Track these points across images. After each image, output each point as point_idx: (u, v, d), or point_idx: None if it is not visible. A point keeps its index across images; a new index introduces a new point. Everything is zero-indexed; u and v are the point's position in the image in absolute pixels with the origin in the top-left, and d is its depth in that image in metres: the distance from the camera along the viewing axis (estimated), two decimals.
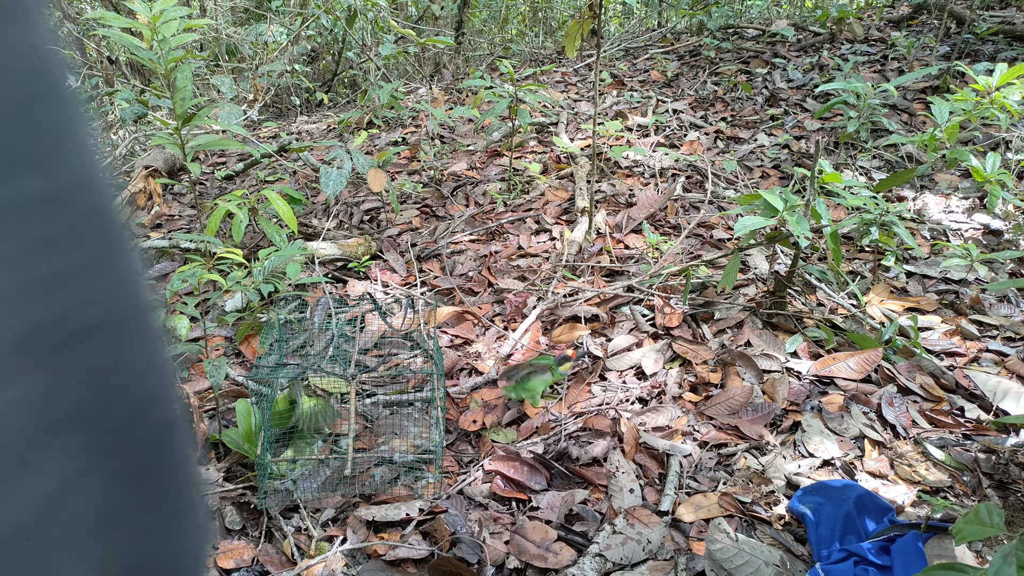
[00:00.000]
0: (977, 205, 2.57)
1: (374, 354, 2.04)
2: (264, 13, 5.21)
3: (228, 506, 1.48)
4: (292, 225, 2.16)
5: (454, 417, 1.78)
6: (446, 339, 2.13)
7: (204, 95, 4.40)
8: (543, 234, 2.74)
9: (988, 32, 3.95)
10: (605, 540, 1.32)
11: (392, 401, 1.81)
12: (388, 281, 2.47)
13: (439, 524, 1.40)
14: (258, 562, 1.35)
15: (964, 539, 0.85)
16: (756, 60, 4.39)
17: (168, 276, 2.54)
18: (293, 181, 3.45)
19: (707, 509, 1.41)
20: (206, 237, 1.91)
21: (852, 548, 1.21)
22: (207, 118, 2.16)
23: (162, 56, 1.99)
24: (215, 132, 2.95)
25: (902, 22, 4.75)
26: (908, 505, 1.38)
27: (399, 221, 2.92)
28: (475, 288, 2.42)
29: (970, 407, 1.65)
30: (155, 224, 3.07)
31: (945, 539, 1.17)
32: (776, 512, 1.40)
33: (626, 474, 1.52)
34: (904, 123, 3.29)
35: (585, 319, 2.11)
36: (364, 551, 1.36)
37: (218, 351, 2.07)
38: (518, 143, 3.55)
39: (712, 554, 1.24)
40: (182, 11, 2.00)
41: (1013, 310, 2.02)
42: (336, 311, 2.11)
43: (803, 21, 5.14)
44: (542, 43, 6.83)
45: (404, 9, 6.33)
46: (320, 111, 5.43)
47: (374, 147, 3.81)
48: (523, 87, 2.84)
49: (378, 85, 3.76)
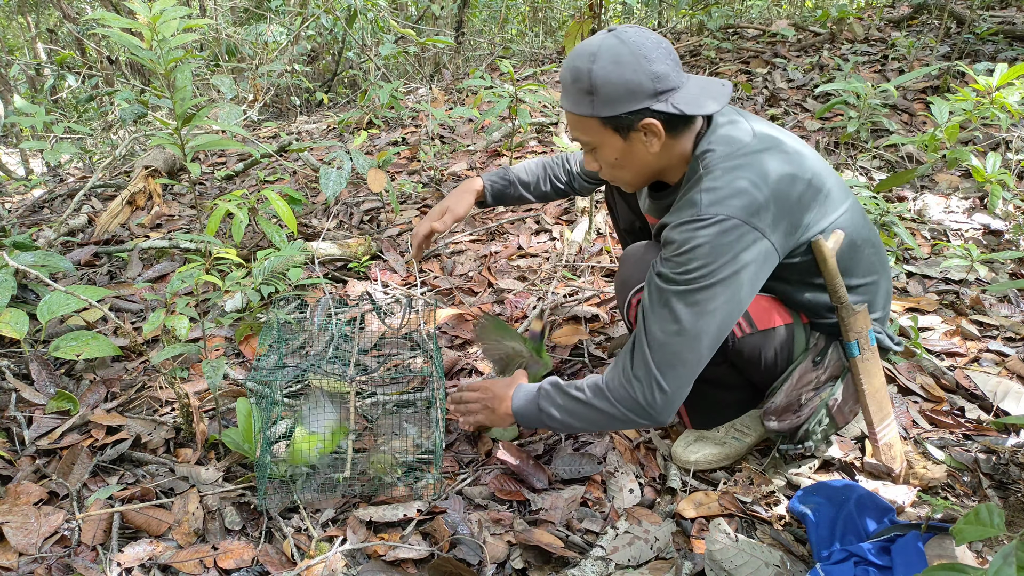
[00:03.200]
0: (977, 205, 2.57)
1: (374, 354, 2.04)
2: (264, 13, 5.21)
3: (228, 506, 1.48)
4: (292, 225, 2.16)
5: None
6: (446, 339, 2.13)
7: (204, 95, 4.40)
8: (543, 234, 2.74)
9: (988, 32, 3.95)
10: (611, 542, 1.32)
11: (392, 401, 1.81)
12: (388, 281, 2.47)
13: (439, 524, 1.40)
14: (258, 562, 1.35)
15: (964, 539, 0.85)
16: (756, 60, 4.39)
17: (168, 276, 2.54)
18: (293, 181, 3.45)
19: (707, 507, 1.41)
20: (206, 237, 1.90)
21: (852, 548, 1.21)
22: (207, 118, 2.16)
23: (162, 56, 1.99)
24: (215, 132, 2.95)
25: (902, 22, 4.75)
26: (908, 505, 1.38)
27: (399, 221, 2.92)
28: (475, 288, 2.42)
29: (970, 407, 1.65)
30: (155, 224, 3.07)
31: (945, 539, 1.17)
32: (776, 512, 1.40)
33: (626, 474, 1.52)
34: (904, 123, 3.29)
35: (585, 319, 2.11)
36: (364, 551, 1.36)
37: (217, 351, 2.07)
38: (518, 143, 3.55)
39: (712, 554, 1.24)
40: (182, 11, 2.00)
41: (1013, 310, 2.01)
42: (336, 311, 2.11)
43: (803, 21, 5.14)
44: (542, 43, 6.83)
45: (404, 9, 6.33)
46: (320, 111, 5.43)
47: (374, 147, 3.81)
48: (523, 87, 2.84)
49: (378, 85, 3.76)
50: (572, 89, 1.23)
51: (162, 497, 1.51)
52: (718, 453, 1.51)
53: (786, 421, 1.44)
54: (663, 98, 1.19)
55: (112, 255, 2.70)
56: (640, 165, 1.30)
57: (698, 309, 1.19)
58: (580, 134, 1.28)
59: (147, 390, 1.89)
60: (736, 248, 1.17)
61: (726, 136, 1.26)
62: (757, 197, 1.18)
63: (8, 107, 4.64)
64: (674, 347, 1.22)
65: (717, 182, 1.20)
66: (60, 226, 2.74)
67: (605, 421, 1.30)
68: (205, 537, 1.42)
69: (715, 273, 1.17)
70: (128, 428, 1.71)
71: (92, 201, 3.31)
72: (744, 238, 1.17)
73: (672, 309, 1.21)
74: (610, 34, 1.20)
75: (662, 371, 1.22)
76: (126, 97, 2.83)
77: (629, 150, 1.27)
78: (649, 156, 1.28)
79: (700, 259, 1.17)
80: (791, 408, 1.43)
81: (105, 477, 1.58)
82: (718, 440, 1.52)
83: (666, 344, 1.22)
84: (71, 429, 1.71)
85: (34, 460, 1.60)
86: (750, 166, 1.21)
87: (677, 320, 1.20)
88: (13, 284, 1.90)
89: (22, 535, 1.37)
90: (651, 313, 1.24)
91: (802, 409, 1.42)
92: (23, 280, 2.21)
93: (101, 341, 1.83)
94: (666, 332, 1.22)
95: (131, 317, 2.30)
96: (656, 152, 1.26)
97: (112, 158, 3.62)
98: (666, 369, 1.22)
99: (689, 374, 1.24)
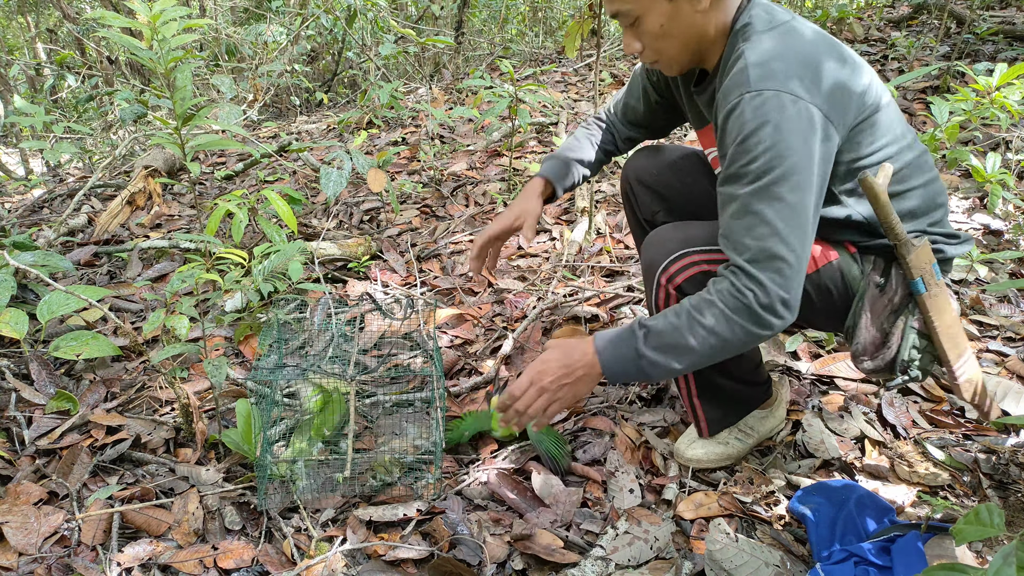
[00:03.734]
0: (977, 205, 2.57)
1: (374, 354, 2.04)
2: (264, 13, 5.21)
3: (228, 506, 1.48)
4: (292, 225, 2.16)
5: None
6: (446, 339, 2.13)
7: (204, 95, 4.40)
8: (543, 234, 2.74)
9: (988, 32, 3.95)
10: (611, 542, 1.32)
11: (392, 401, 1.81)
12: (388, 281, 2.47)
13: (439, 524, 1.40)
14: (258, 562, 1.35)
15: (964, 539, 0.85)
16: None
17: (168, 276, 2.54)
18: (293, 181, 3.45)
19: (707, 507, 1.41)
20: (206, 237, 1.90)
21: (852, 548, 1.21)
22: (207, 118, 2.16)
23: (162, 56, 1.99)
24: (215, 132, 2.96)
25: (902, 22, 4.75)
26: (908, 505, 1.38)
27: (399, 221, 2.92)
28: (475, 288, 2.42)
29: (970, 407, 1.65)
30: (155, 224, 3.07)
31: (945, 539, 1.17)
32: (776, 512, 1.40)
33: (626, 474, 1.52)
34: None
35: (585, 319, 2.11)
36: (364, 551, 1.36)
37: (218, 351, 2.07)
38: (518, 143, 3.55)
39: (712, 554, 1.24)
40: (182, 11, 2.00)
41: (1013, 310, 2.02)
42: (336, 311, 2.11)
43: None
44: (542, 43, 6.83)
45: (404, 9, 6.34)
46: (320, 111, 5.43)
47: (374, 147, 3.81)
48: (523, 87, 2.83)
49: (378, 85, 3.76)
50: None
51: (162, 497, 1.51)
52: (720, 452, 1.51)
53: (879, 356, 1.31)
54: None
55: (112, 255, 2.70)
56: (687, 30, 1.21)
57: (783, 203, 1.07)
58: (622, 2, 1.20)
59: (147, 390, 1.89)
60: (801, 121, 1.07)
61: (766, 7, 1.19)
62: (809, 68, 1.10)
63: (8, 107, 4.64)
64: (774, 249, 1.08)
65: (762, 54, 1.11)
66: (60, 226, 2.74)
67: (723, 346, 1.13)
68: (205, 537, 1.42)
69: (788, 151, 1.06)
70: (128, 428, 1.71)
71: (92, 201, 3.31)
72: (803, 112, 1.08)
73: (757, 214, 1.08)
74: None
75: (770, 278, 1.09)
76: (126, 97, 2.83)
77: (676, 12, 1.19)
78: (697, 20, 1.20)
79: (767, 140, 1.06)
80: (878, 341, 1.30)
81: (105, 477, 1.58)
82: (721, 440, 1.52)
83: (764, 249, 1.08)
84: (71, 429, 1.71)
85: (34, 460, 1.60)
86: (795, 33, 1.14)
87: (766, 222, 1.08)
88: (13, 284, 1.90)
89: (22, 535, 1.37)
90: (734, 230, 1.11)
91: (890, 339, 1.30)
92: (23, 280, 2.21)
93: (101, 341, 1.83)
94: (760, 238, 1.09)
95: (131, 317, 2.30)
96: (704, 10, 1.19)
97: (112, 158, 3.62)
98: (774, 273, 1.09)
99: (800, 261, 1.10)
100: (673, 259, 1.31)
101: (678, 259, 1.31)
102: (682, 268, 1.30)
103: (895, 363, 1.30)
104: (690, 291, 1.26)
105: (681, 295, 1.30)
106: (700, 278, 1.28)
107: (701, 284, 1.24)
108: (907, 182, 1.26)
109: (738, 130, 1.09)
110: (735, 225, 1.12)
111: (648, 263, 1.36)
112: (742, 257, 1.10)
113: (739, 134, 1.09)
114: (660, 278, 1.32)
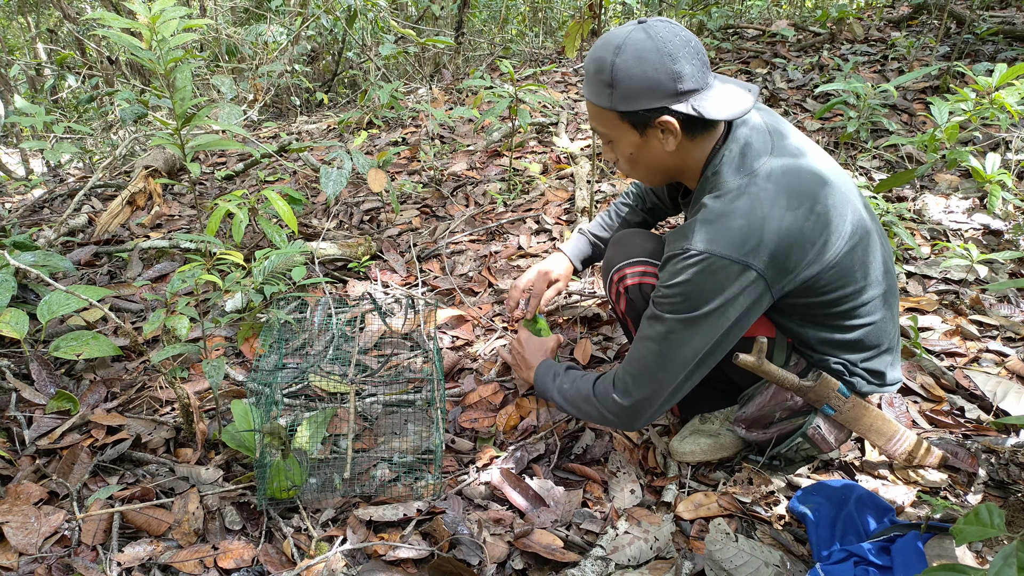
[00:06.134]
0: (977, 205, 2.57)
1: (374, 354, 2.04)
2: (264, 13, 5.21)
3: (228, 506, 1.48)
4: (292, 225, 2.16)
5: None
6: (446, 339, 2.13)
7: (204, 95, 4.40)
8: (543, 234, 2.74)
9: (988, 32, 3.95)
10: (611, 542, 1.32)
11: (392, 401, 1.81)
12: (388, 281, 2.47)
13: (439, 524, 1.40)
14: (258, 562, 1.35)
15: (964, 540, 0.85)
16: (756, 60, 4.39)
17: (168, 276, 2.54)
18: (293, 181, 3.45)
19: (707, 508, 1.41)
20: (206, 237, 1.91)
21: (852, 548, 1.21)
22: (207, 118, 2.16)
23: (162, 56, 1.99)
24: (215, 132, 2.95)
25: (902, 22, 4.75)
26: (908, 505, 1.38)
27: (399, 221, 2.92)
28: (475, 288, 2.42)
29: (970, 407, 1.65)
30: (155, 224, 3.07)
31: (945, 539, 1.17)
32: (776, 512, 1.40)
33: (626, 474, 1.52)
34: (904, 123, 3.29)
35: (584, 319, 2.11)
36: (364, 551, 1.36)
37: (218, 351, 2.07)
38: (518, 143, 3.55)
39: (712, 554, 1.24)
40: (182, 11, 2.00)
41: (1013, 310, 2.01)
42: (336, 311, 2.11)
43: (803, 21, 5.14)
44: (542, 43, 6.83)
45: (404, 9, 6.34)
46: (320, 111, 5.43)
47: (374, 147, 3.81)
48: (523, 87, 2.83)
49: (378, 85, 3.76)
50: (594, 79, 1.22)
51: (162, 497, 1.51)
52: (712, 444, 1.51)
53: (753, 434, 1.45)
54: (683, 98, 1.18)
55: (112, 255, 2.70)
56: (655, 162, 1.30)
57: (677, 337, 1.23)
58: (598, 124, 1.28)
59: (147, 390, 1.89)
60: (723, 286, 1.17)
61: (740, 153, 1.22)
62: (755, 234, 1.15)
63: (8, 107, 4.64)
64: (649, 364, 1.28)
65: (715, 214, 1.18)
66: (60, 226, 2.74)
67: (587, 414, 1.41)
68: (205, 537, 1.42)
69: (697, 308, 1.20)
70: (128, 428, 1.71)
71: (92, 201, 3.31)
72: (733, 276, 1.17)
73: (656, 328, 1.26)
74: (640, 26, 1.18)
75: (635, 382, 1.30)
76: (126, 97, 2.83)
77: (645, 146, 1.26)
78: (664, 154, 1.27)
79: (683, 295, 1.20)
80: (760, 422, 1.43)
81: (105, 477, 1.58)
82: (712, 432, 1.53)
83: (644, 358, 1.28)
84: (71, 429, 1.71)
85: (34, 460, 1.60)
86: (755, 197, 1.17)
87: (658, 340, 1.26)
88: (13, 284, 1.90)
89: (22, 535, 1.37)
90: (644, 324, 1.30)
91: (770, 428, 1.42)
92: (23, 280, 2.21)
93: (101, 341, 1.83)
94: (647, 348, 1.28)
95: (131, 317, 2.30)
96: (672, 151, 1.25)
97: (112, 158, 3.62)
98: (638, 382, 1.29)
99: (658, 393, 1.28)
100: (628, 263, 1.47)
101: (631, 265, 1.47)
102: (632, 275, 1.46)
103: (765, 447, 1.48)
104: (634, 296, 1.46)
105: (627, 296, 1.47)
106: (646, 289, 1.44)
107: (643, 294, 1.44)
108: (857, 318, 1.32)
109: (668, 275, 1.23)
110: (638, 345, 1.30)
111: (607, 260, 1.54)
112: (633, 353, 1.31)
113: (668, 279, 1.23)
114: (613, 276, 1.50)
